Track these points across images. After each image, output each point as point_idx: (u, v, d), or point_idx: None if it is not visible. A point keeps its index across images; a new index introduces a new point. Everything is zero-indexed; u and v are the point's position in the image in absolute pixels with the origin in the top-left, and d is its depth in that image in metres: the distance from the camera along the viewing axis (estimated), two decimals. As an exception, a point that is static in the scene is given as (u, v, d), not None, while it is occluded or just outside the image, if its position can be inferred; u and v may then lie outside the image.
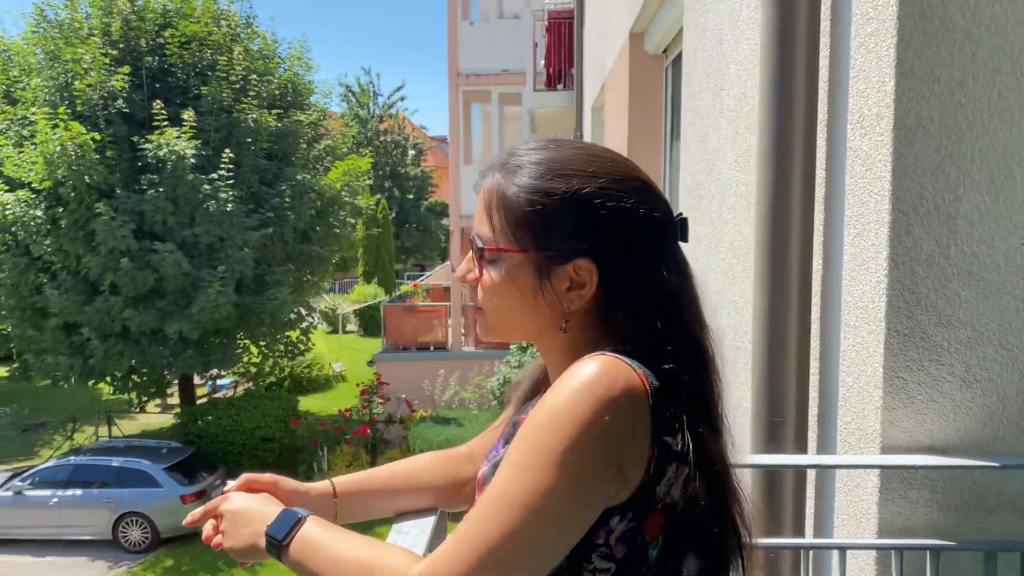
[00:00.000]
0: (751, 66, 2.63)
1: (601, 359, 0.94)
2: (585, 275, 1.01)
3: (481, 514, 0.92)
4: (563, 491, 0.89)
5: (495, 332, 1.11)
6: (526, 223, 1.02)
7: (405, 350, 17.73)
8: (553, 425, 0.90)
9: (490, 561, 0.89)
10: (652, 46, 5.79)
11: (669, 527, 0.97)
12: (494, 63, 16.62)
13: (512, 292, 1.04)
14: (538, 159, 1.05)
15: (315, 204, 15.51)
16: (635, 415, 0.92)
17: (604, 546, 0.95)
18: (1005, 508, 1.67)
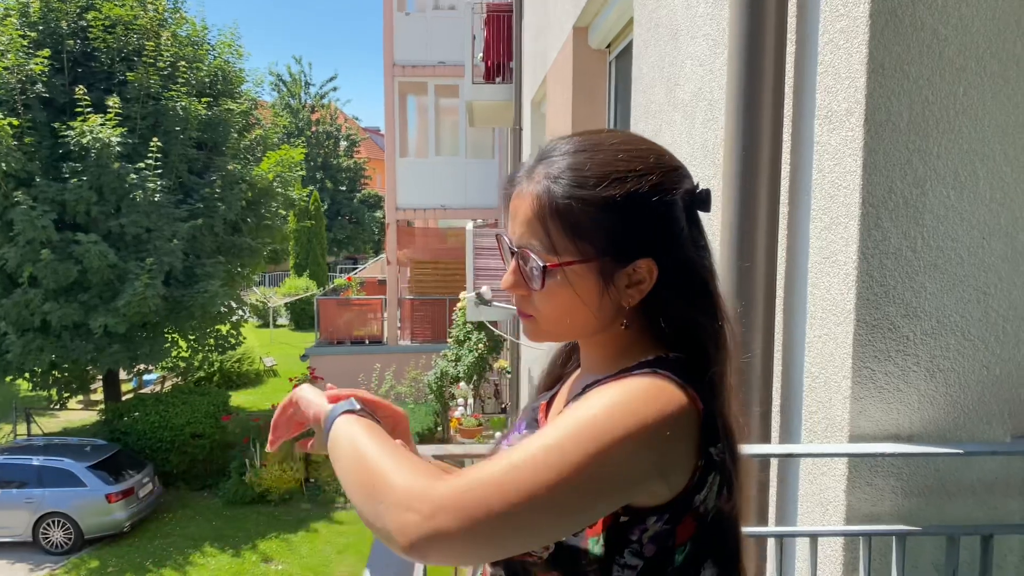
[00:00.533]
0: (708, 61, 2.66)
1: (654, 380, 0.96)
2: (644, 273, 1.02)
3: (498, 459, 0.91)
4: (595, 478, 0.89)
5: (547, 336, 1.10)
6: (587, 232, 1.01)
7: (339, 344, 17.51)
8: (605, 419, 0.90)
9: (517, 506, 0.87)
10: (596, 41, 5.82)
11: (698, 534, 0.98)
12: (431, 55, 16.50)
13: (574, 299, 1.03)
14: (582, 163, 1.02)
15: (246, 195, 15.15)
16: (684, 433, 0.94)
17: (637, 543, 0.96)
18: (965, 493, 1.73)
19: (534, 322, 1.08)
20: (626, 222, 1.01)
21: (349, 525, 13.66)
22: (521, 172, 1.09)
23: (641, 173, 1.02)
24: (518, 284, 1.07)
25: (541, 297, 1.05)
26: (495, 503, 0.87)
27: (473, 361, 13.82)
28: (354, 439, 1.02)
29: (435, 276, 18.11)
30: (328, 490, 14.45)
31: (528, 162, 1.09)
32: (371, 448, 0.99)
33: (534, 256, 1.03)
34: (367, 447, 1.00)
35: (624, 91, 5.69)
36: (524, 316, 1.10)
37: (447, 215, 18.10)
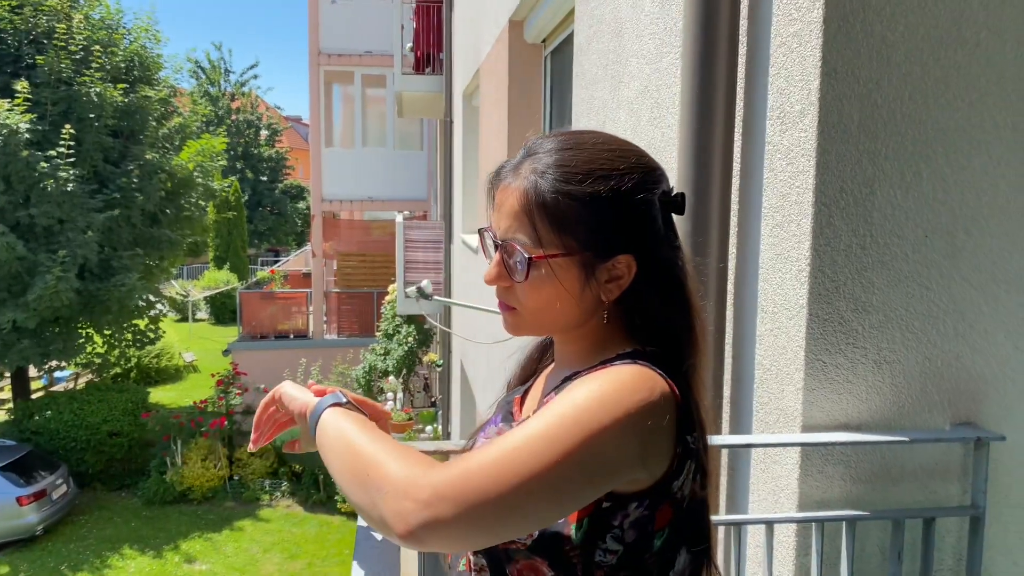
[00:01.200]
0: (655, 60, 2.71)
1: (637, 368, 1.00)
2: (623, 268, 1.05)
3: (512, 447, 0.92)
4: (585, 464, 0.92)
5: (528, 328, 1.14)
6: (571, 226, 1.04)
7: (263, 339, 17.16)
8: (587, 406, 0.93)
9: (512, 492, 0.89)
10: (532, 35, 5.84)
11: (674, 520, 1.01)
12: (358, 44, 16.26)
13: (557, 292, 1.06)
14: (568, 160, 1.06)
15: (165, 185, 14.70)
16: (664, 420, 0.97)
17: (618, 528, 0.98)
18: (907, 479, 1.82)
19: (516, 315, 1.11)
20: (609, 218, 1.04)
21: (275, 523, 13.44)
22: (507, 167, 1.11)
23: (624, 171, 1.06)
24: (501, 277, 1.10)
25: (524, 289, 1.07)
26: (491, 489, 0.89)
27: (403, 355, 13.72)
28: (344, 431, 1.03)
29: (362, 269, 17.90)
30: (253, 487, 14.18)
31: (514, 158, 1.11)
32: (363, 439, 1.00)
33: (519, 249, 1.06)
34: (358, 438, 1.01)
35: (560, 86, 5.73)
36: (506, 309, 1.12)
37: (375, 207, 17.90)
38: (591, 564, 0.98)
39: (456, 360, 10.56)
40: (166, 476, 13.78)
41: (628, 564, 0.99)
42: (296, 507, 14.03)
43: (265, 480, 14.39)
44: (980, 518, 1.78)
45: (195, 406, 15.13)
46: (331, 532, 13.23)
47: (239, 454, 14.59)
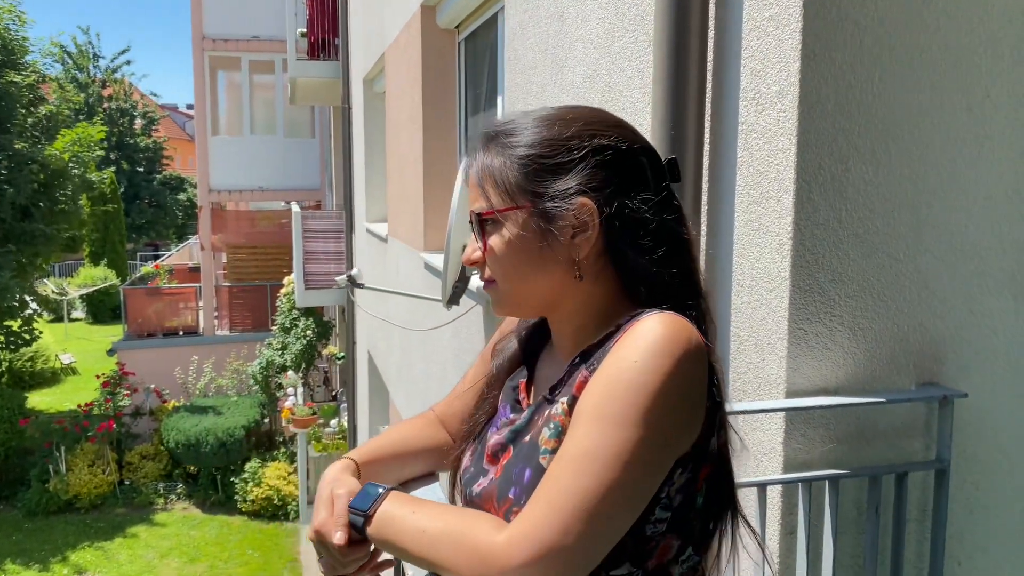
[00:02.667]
0: (604, 45, 2.76)
1: (663, 316, 0.98)
2: (586, 216, 1.03)
3: (566, 473, 0.92)
4: (652, 444, 0.92)
5: (509, 302, 1.12)
6: (518, 179, 1.05)
7: (151, 336, 16.43)
8: (639, 381, 0.92)
9: (585, 517, 0.90)
10: (445, 20, 5.81)
11: (711, 475, 1.03)
12: (244, 29, 15.70)
13: (519, 251, 1.06)
14: (518, 124, 1.08)
15: (38, 177, 13.82)
16: (702, 369, 0.97)
17: (666, 497, 0.99)
18: (879, 438, 1.94)
19: (496, 288, 1.11)
20: (556, 162, 1.04)
21: (172, 527, 12.94)
22: (470, 155, 1.14)
23: (571, 120, 1.06)
24: (474, 251, 1.10)
25: (492, 257, 1.08)
26: (571, 528, 0.89)
27: (301, 349, 13.43)
28: (413, 515, 1.02)
29: (253, 261, 17.37)
30: (146, 491, 13.59)
31: (472, 145, 1.14)
32: (428, 517, 1.01)
33: (474, 214, 1.08)
34: (425, 518, 1.01)
35: (474, 72, 5.73)
36: (487, 284, 1.12)
37: (265, 196, 17.41)
38: (643, 539, 0.99)
39: (363, 351, 10.41)
40: (49, 485, 13.04)
41: (675, 527, 1.00)
42: (193, 509, 13.54)
43: (159, 483, 13.84)
44: (945, 471, 1.92)
45: (79, 410, 14.34)
46: (232, 533, 12.85)
47: (130, 457, 13.95)
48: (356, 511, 1.08)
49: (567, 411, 1.02)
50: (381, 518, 1.05)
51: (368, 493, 1.09)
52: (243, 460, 13.65)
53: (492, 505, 1.07)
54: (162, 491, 13.74)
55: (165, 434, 13.66)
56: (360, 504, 1.08)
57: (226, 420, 13.69)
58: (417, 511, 1.03)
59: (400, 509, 1.05)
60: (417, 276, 6.13)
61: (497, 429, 1.18)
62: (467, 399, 1.34)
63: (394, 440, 1.33)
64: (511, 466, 1.08)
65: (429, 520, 1.00)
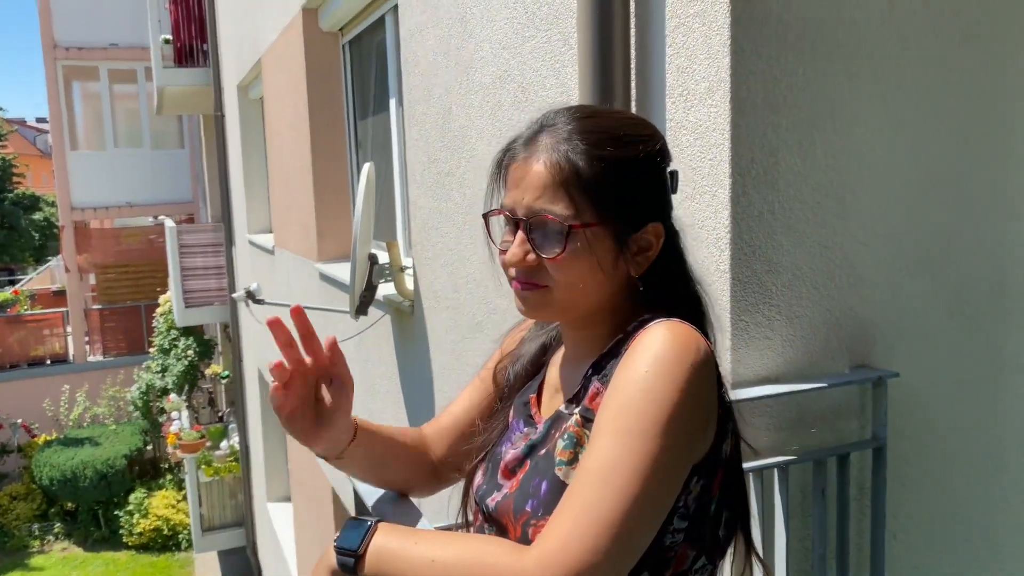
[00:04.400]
0: (515, 46, 2.73)
1: (670, 324, 0.98)
2: (652, 238, 1.05)
3: (589, 489, 0.90)
4: (669, 454, 0.91)
5: (555, 309, 1.08)
6: (605, 193, 1.02)
7: (13, 368, 15.31)
8: (653, 393, 0.92)
9: (612, 533, 0.88)
10: (328, 24, 5.66)
11: (723, 481, 1.03)
12: (100, 36, 14.85)
13: (591, 264, 1.03)
14: (592, 127, 1.05)
15: None
16: (712, 374, 0.98)
17: (683, 507, 0.98)
18: (819, 422, 2.00)
19: (546, 293, 1.06)
20: (639, 184, 1.04)
21: (51, 569, 12.13)
22: (518, 143, 1.08)
23: (646, 137, 1.07)
24: (528, 254, 1.05)
25: (557, 264, 1.03)
26: (593, 546, 0.87)
27: (183, 370, 12.84)
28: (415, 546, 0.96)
29: (124, 281, 16.48)
30: (19, 534, 12.68)
31: (523, 134, 1.09)
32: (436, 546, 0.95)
33: (553, 220, 1.02)
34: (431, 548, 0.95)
35: (362, 75, 5.60)
36: (532, 288, 1.06)
37: (134, 212, 16.53)
38: (662, 549, 0.98)
39: (251, 368, 10.03)
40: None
41: (690, 536, 1.00)
42: (75, 548, 12.75)
43: (33, 524, 12.95)
44: (882, 448, 2.00)
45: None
46: (119, 570, 12.16)
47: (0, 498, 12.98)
48: (344, 551, 0.99)
49: (581, 422, 1.02)
50: (376, 554, 0.98)
51: (353, 528, 1.01)
52: (127, 491, 12.94)
53: (509, 519, 1.04)
54: (37, 532, 12.87)
55: (37, 471, 12.80)
56: (348, 542, 1.00)
57: (105, 450, 12.95)
58: (419, 541, 0.97)
59: (397, 541, 0.98)
60: (312, 287, 5.94)
61: (512, 444, 1.15)
62: (459, 419, 1.30)
63: (391, 427, 1.28)
64: (527, 479, 1.06)
65: (436, 549, 0.94)
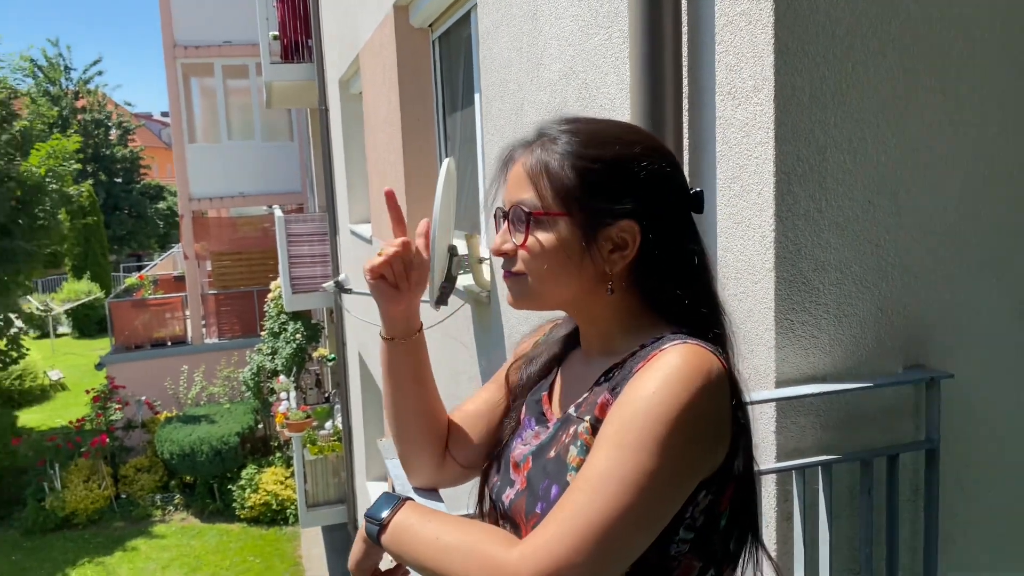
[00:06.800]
0: (579, 43, 2.77)
1: (688, 348, 1.00)
2: (627, 236, 1.07)
3: (582, 494, 0.94)
4: (668, 473, 0.94)
5: (534, 297, 1.13)
6: (573, 188, 1.07)
7: (139, 348, 16.33)
8: (658, 412, 0.94)
9: (596, 538, 0.91)
10: (419, 20, 5.80)
11: (735, 497, 1.05)
12: (215, 35, 15.59)
13: (559, 255, 1.08)
14: (575, 129, 1.11)
15: (15, 193, 13.71)
16: (725, 399, 1.00)
17: (690, 518, 1.01)
18: (870, 422, 1.97)
19: (521, 281, 1.12)
20: (610, 181, 1.07)
21: (171, 538, 12.91)
22: (518, 145, 1.15)
23: (629, 141, 1.09)
24: (505, 241, 1.13)
25: (531, 252, 1.09)
26: (581, 548, 0.90)
27: (291, 353, 13.38)
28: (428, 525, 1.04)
29: (238, 267, 17.29)
30: (143, 504, 13.55)
31: (525, 138, 1.15)
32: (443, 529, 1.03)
33: (522, 209, 1.09)
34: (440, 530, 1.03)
35: (450, 70, 5.72)
36: (510, 276, 1.14)
37: (247, 202, 17.30)
38: (667, 557, 1.01)
39: (353, 353, 10.40)
40: (45, 503, 12.98)
41: (698, 548, 1.02)
42: (192, 519, 13.52)
43: (156, 495, 13.79)
44: (935, 451, 1.96)
45: (71, 426, 14.27)
46: (232, 540, 12.84)
47: (125, 471, 13.90)
48: (372, 520, 1.10)
49: (591, 430, 1.05)
50: (396, 527, 1.07)
51: (384, 501, 1.11)
52: (239, 467, 13.63)
53: (521, 519, 1.09)
54: (159, 503, 13.70)
55: (159, 445, 13.62)
56: (375, 512, 1.10)
57: (220, 428, 13.66)
58: (432, 520, 1.05)
59: (417, 518, 1.07)
60: (404, 277, 6.12)
61: (523, 440, 1.21)
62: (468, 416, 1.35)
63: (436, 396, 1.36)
64: (536, 480, 1.11)
65: (443, 530, 1.02)
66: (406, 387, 1.32)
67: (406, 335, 1.29)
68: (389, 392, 1.33)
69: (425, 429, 1.33)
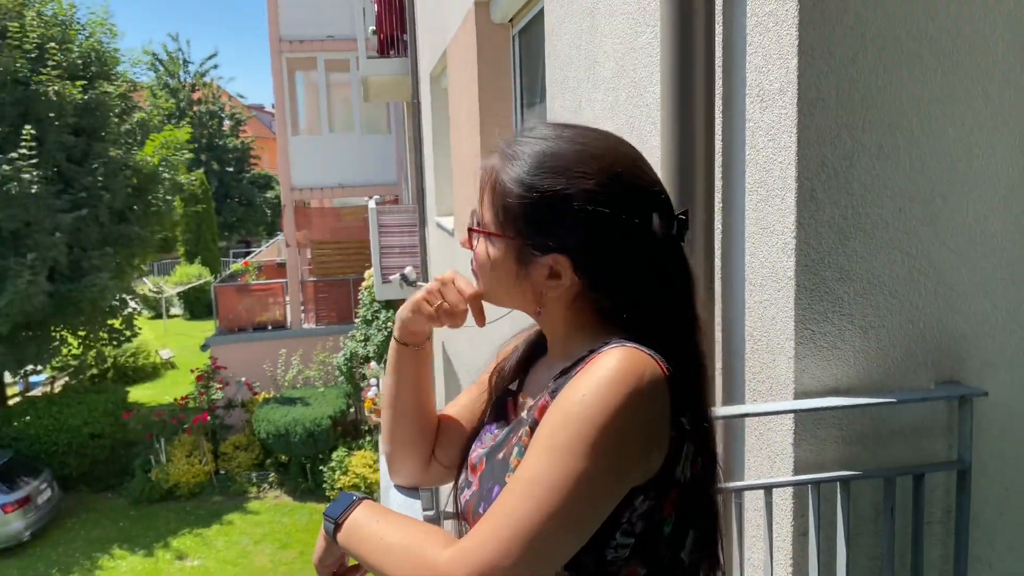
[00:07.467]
0: (629, 40, 2.75)
1: (624, 351, 0.99)
2: (560, 269, 1.07)
3: (512, 496, 0.95)
4: (596, 475, 0.94)
5: (487, 297, 1.20)
6: (512, 213, 1.08)
7: (241, 331, 17.08)
8: (586, 415, 0.95)
9: (523, 541, 0.92)
10: (499, 15, 5.84)
11: (680, 503, 1.03)
12: (319, 29, 16.10)
13: (498, 269, 1.12)
14: (535, 151, 1.09)
15: (131, 181, 14.52)
16: (660, 403, 0.99)
17: (627, 523, 1.00)
18: (896, 438, 1.90)
19: (477, 280, 1.20)
20: (546, 215, 1.06)
21: (265, 514, 13.46)
22: (496, 152, 1.16)
23: (580, 175, 1.05)
24: (465, 241, 1.19)
25: (477, 260, 1.16)
26: (509, 551, 0.91)
27: (383, 340, 13.72)
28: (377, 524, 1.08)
29: (337, 256, 17.83)
30: (240, 480, 14.18)
31: (503, 141, 1.16)
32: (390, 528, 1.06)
33: (472, 219, 1.15)
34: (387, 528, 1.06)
35: (529, 65, 5.74)
36: (472, 271, 1.20)
37: (345, 193, 17.81)
38: (603, 562, 1.00)
39: (437, 342, 10.59)
40: (151, 474, 13.75)
41: (640, 554, 1.02)
42: (285, 497, 14.06)
43: (252, 472, 14.40)
44: (967, 471, 1.87)
45: (176, 403, 15.05)
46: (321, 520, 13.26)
47: (224, 448, 14.56)
48: (328, 518, 1.14)
49: (530, 433, 1.06)
50: (349, 525, 1.11)
51: (342, 500, 1.15)
52: (331, 449, 14.07)
53: (471, 518, 1.13)
54: (255, 480, 14.29)
55: (256, 425, 14.19)
56: (332, 511, 1.14)
57: (313, 411, 14.13)
58: (381, 520, 1.08)
59: (367, 517, 1.10)
60: (479, 270, 6.20)
61: (482, 443, 1.24)
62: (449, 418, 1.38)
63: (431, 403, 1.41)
64: (484, 481, 1.14)
65: (387, 530, 1.05)
66: (406, 388, 1.37)
67: (417, 342, 1.35)
68: (390, 391, 1.39)
69: (417, 430, 1.37)
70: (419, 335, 1.33)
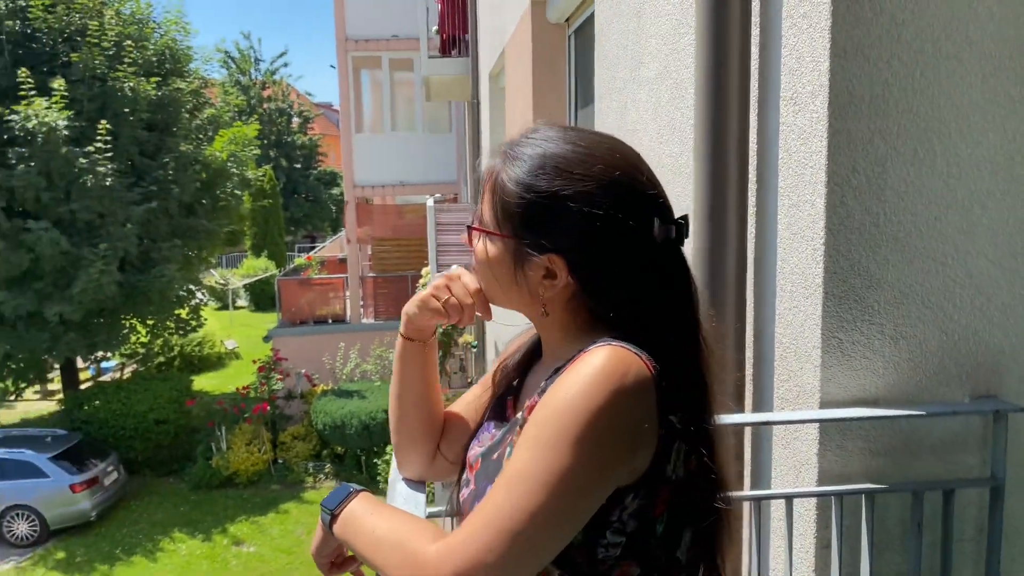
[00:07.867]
0: (672, 40, 2.72)
1: (610, 350, 0.99)
2: (556, 269, 1.07)
3: (499, 493, 0.96)
4: (580, 472, 0.94)
5: (487, 295, 1.20)
6: (509, 213, 1.09)
7: (302, 324, 17.39)
8: (571, 412, 0.95)
9: (508, 536, 0.93)
10: (555, 15, 5.84)
11: (673, 502, 1.03)
12: (384, 29, 16.31)
13: (495, 268, 1.13)
14: (536, 153, 1.09)
15: (200, 176, 14.93)
16: (646, 401, 0.98)
17: (618, 522, 1.00)
18: (927, 451, 1.84)
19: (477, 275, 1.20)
20: (543, 215, 1.06)
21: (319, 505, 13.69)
22: (500, 149, 1.16)
23: (579, 177, 1.05)
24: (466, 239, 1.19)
25: (476, 259, 1.16)
26: (495, 547, 0.92)
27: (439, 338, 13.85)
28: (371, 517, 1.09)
29: (396, 253, 18.03)
30: (297, 470, 14.45)
31: (505, 141, 1.17)
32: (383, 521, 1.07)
33: (472, 220, 1.15)
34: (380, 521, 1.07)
35: (584, 65, 5.73)
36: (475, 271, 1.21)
37: (406, 191, 18.01)
38: (595, 561, 1.01)
39: (490, 341, 10.65)
40: (212, 461, 14.11)
41: (632, 553, 1.01)
42: (339, 488, 14.27)
43: (308, 463, 14.66)
44: (1000, 488, 1.80)
45: (238, 392, 15.42)
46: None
47: (283, 438, 14.86)
48: (325, 509, 1.17)
49: (519, 431, 1.07)
50: (345, 517, 1.13)
51: (339, 492, 1.17)
52: (385, 443, 14.24)
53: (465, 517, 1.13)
54: (311, 470, 14.55)
55: (314, 416, 14.44)
56: (329, 503, 1.17)
57: (369, 404, 14.31)
58: (375, 513, 1.10)
59: (363, 510, 1.12)
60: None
61: (479, 442, 1.25)
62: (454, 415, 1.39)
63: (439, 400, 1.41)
64: (480, 480, 1.15)
65: (380, 523, 1.07)
66: (412, 382, 1.38)
67: (423, 338, 1.35)
68: (396, 385, 1.40)
69: (422, 424, 1.39)
70: (425, 331, 1.34)
